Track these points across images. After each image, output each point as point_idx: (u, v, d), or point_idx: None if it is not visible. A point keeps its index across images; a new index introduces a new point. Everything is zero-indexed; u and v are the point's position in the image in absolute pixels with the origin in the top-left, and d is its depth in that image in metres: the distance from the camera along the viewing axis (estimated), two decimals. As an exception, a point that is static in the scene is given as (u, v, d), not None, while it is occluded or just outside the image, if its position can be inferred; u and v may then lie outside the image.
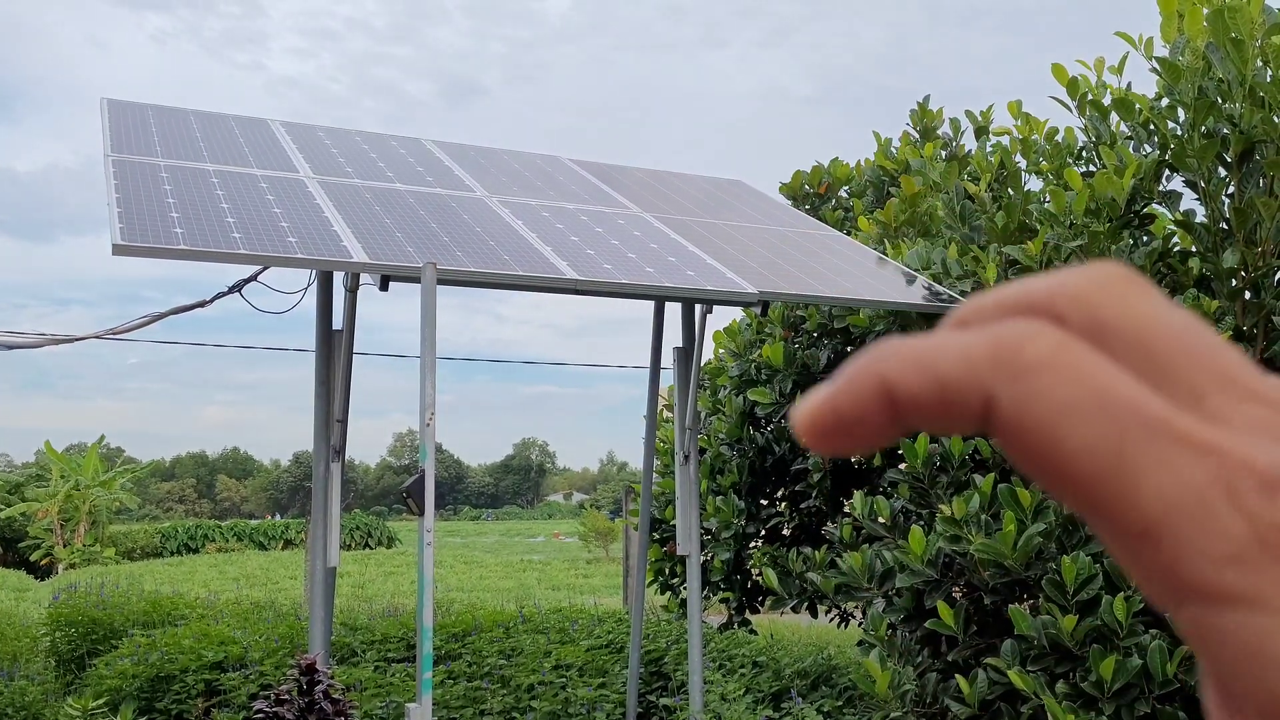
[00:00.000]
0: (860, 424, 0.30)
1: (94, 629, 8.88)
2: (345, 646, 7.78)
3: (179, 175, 4.97)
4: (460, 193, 5.86)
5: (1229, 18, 4.51)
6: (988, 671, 4.54)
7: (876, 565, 5.21)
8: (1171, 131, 5.05)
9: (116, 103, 6.06)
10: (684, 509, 5.67)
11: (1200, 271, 4.89)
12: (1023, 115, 6.39)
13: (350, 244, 4.52)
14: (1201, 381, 0.27)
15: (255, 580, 22.23)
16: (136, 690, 6.90)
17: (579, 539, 32.45)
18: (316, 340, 5.16)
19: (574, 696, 5.91)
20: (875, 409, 0.30)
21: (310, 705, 4.43)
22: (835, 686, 6.20)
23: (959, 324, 0.31)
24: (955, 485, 5.11)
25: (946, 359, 0.29)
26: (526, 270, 4.72)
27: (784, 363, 6.55)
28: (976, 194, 6.22)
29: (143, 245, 4.02)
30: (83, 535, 28.50)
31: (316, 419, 5.09)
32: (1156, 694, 3.98)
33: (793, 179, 8.72)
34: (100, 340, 8.65)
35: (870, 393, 0.30)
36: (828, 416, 0.31)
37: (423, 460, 4.15)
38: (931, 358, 0.29)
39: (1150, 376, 0.27)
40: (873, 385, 0.30)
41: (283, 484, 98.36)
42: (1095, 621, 4.16)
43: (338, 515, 5.00)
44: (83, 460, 29.36)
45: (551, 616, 8.78)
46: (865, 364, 0.30)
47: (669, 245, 5.71)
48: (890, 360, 0.30)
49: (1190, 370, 0.27)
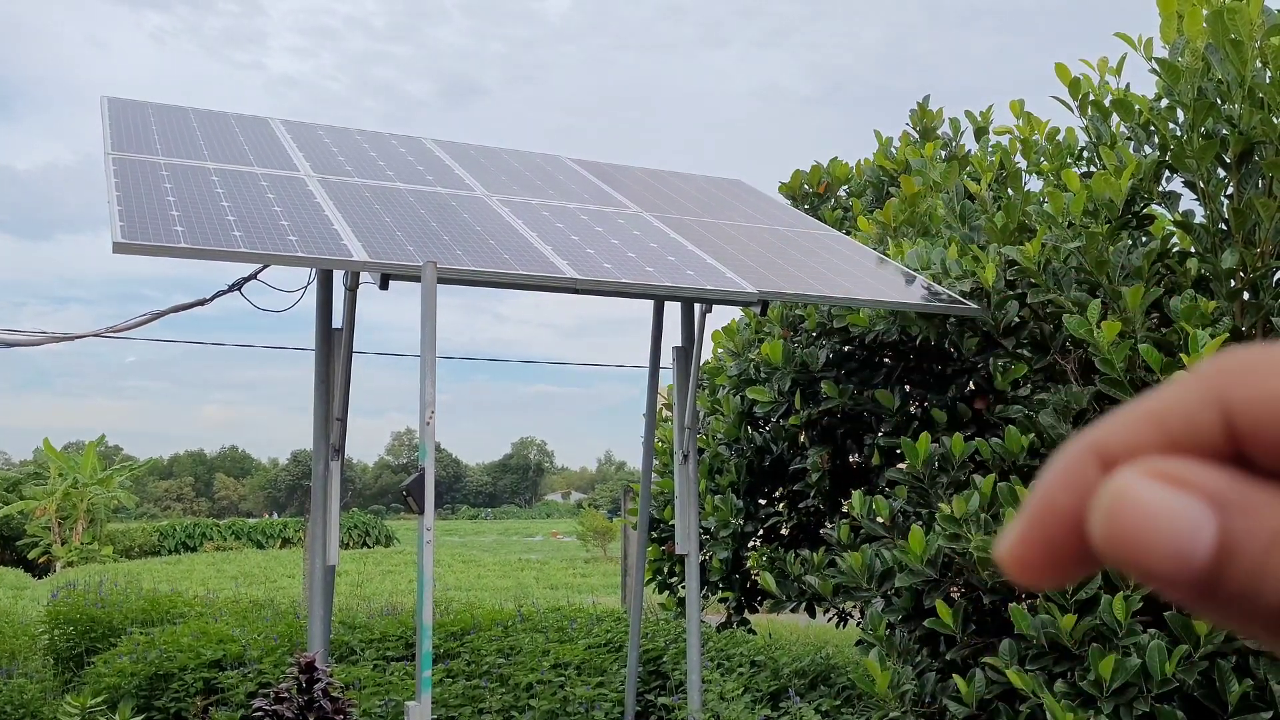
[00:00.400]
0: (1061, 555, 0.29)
1: (92, 627, 8.89)
2: (344, 645, 7.79)
3: (179, 174, 4.98)
4: (460, 192, 5.86)
5: (1228, 19, 4.51)
6: (986, 671, 4.54)
7: (875, 565, 5.22)
8: (1171, 132, 5.06)
9: (117, 101, 6.06)
10: (682, 508, 5.67)
11: (1199, 272, 4.89)
12: (1025, 115, 6.40)
13: (350, 243, 4.53)
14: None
15: (253, 579, 22.22)
16: (135, 688, 6.90)
17: (577, 538, 32.47)
18: (316, 339, 5.16)
19: (572, 695, 5.92)
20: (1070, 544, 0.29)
21: (309, 703, 4.43)
22: (833, 686, 6.21)
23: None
24: (955, 485, 5.11)
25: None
26: (527, 269, 4.72)
27: (783, 361, 6.55)
28: (978, 193, 6.22)
29: (143, 243, 4.02)
30: (80, 533, 28.49)
31: (316, 417, 5.09)
32: (1155, 693, 3.98)
33: (792, 179, 8.72)
34: (99, 339, 8.65)
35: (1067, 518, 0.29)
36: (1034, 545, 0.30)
37: (422, 459, 4.15)
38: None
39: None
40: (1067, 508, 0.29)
41: (281, 483, 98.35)
42: (1094, 621, 4.17)
43: (337, 513, 5.00)
44: (81, 458, 29.35)
45: (550, 615, 8.79)
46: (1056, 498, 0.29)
47: (669, 245, 5.71)
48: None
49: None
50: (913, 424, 6.11)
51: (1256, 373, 0.27)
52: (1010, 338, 5.61)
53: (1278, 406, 0.26)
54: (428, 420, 4.16)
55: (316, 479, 5.07)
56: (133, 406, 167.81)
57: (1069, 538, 0.29)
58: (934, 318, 5.97)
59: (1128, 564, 0.28)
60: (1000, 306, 5.60)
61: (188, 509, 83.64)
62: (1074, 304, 4.89)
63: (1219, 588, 0.26)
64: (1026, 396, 5.59)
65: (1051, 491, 0.30)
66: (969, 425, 5.93)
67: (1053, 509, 0.29)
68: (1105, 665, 3.98)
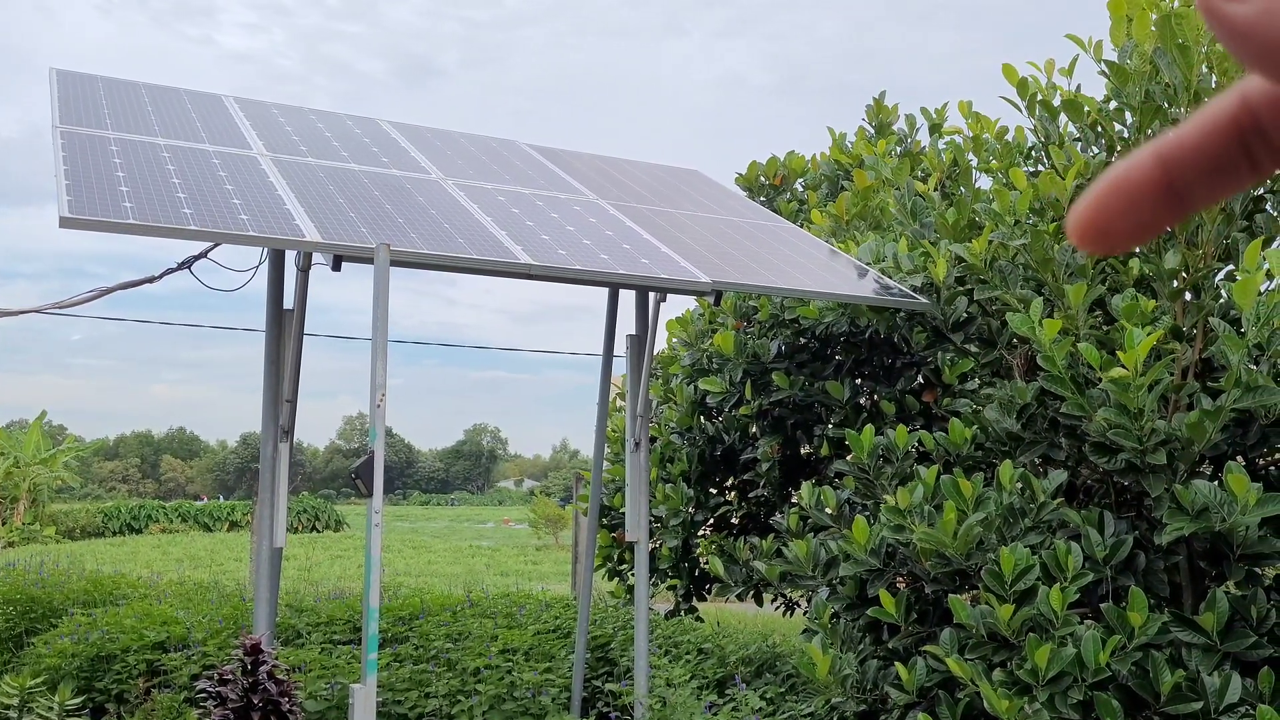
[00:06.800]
0: (1138, 199, 0.35)
1: (32, 607, 8.76)
2: (290, 628, 7.73)
3: (129, 149, 4.91)
4: (415, 174, 5.83)
5: (1176, 24, 4.61)
6: (927, 659, 4.62)
7: (821, 554, 5.28)
8: (1118, 133, 5.15)
9: (66, 73, 5.96)
10: (633, 496, 5.70)
11: (1141, 272, 4.99)
12: (973, 115, 6.49)
13: (303, 223, 4.50)
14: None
15: (199, 562, 21.98)
16: (76, 669, 6.81)
17: (529, 526, 32.42)
18: (267, 319, 5.12)
19: (520, 680, 5.93)
20: (1152, 177, 0.34)
21: (254, 685, 4.41)
22: (779, 673, 6.27)
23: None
24: (900, 477, 5.19)
25: (1209, 108, 0.34)
26: (481, 254, 4.72)
27: (735, 352, 6.60)
28: (924, 192, 6.30)
29: (91, 218, 3.97)
30: (22, 513, 27.99)
31: (265, 399, 5.06)
32: (1090, 682, 4.08)
33: (749, 170, 8.77)
34: (44, 315, 8.50)
35: (1145, 161, 0.35)
36: (1108, 200, 0.36)
37: (372, 441, 4.14)
38: (1195, 116, 0.34)
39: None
40: (1145, 156, 0.35)
41: (229, 465, 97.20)
42: (1032, 611, 4.26)
43: (285, 495, 4.97)
44: (24, 437, 28.81)
45: (499, 601, 8.78)
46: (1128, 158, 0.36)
47: (624, 232, 5.73)
48: (1158, 139, 0.35)
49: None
50: (862, 416, 6.19)
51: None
52: (959, 333, 5.69)
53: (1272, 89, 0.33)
54: (378, 403, 4.15)
55: (265, 460, 5.03)
56: (79, 385, 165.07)
57: (1141, 196, 0.35)
58: (884, 311, 6.04)
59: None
60: (950, 302, 5.68)
61: (133, 490, 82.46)
62: (1019, 301, 4.97)
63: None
64: (974, 390, 5.69)
65: (1118, 173, 0.36)
66: (918, 418, 6.02)
67: (1123, 180, 0.35)
68: (1041, 655, 4.07)
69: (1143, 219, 0.36)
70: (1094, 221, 0.37)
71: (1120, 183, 0.36)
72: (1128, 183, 0.36)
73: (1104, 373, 4.29)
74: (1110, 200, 0.36)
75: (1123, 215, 0.36)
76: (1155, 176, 0.36)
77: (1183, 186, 0.36)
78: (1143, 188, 0.36)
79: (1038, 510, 4.59)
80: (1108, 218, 0.37)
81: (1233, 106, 0.35)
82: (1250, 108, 0.35)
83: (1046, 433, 4.96)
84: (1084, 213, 0.37)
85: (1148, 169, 0.36)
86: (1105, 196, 0.36)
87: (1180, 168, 0.35)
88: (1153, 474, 4.38)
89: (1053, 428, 4.95)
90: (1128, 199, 0.36)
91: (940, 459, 5.15)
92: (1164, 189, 0.36)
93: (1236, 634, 4.14)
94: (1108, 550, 4.42)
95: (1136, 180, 0.36)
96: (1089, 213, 0.37)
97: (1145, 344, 4.17)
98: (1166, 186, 0.35)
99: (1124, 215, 0.36)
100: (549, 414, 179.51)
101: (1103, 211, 0.37)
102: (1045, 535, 4.55)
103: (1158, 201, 0.36)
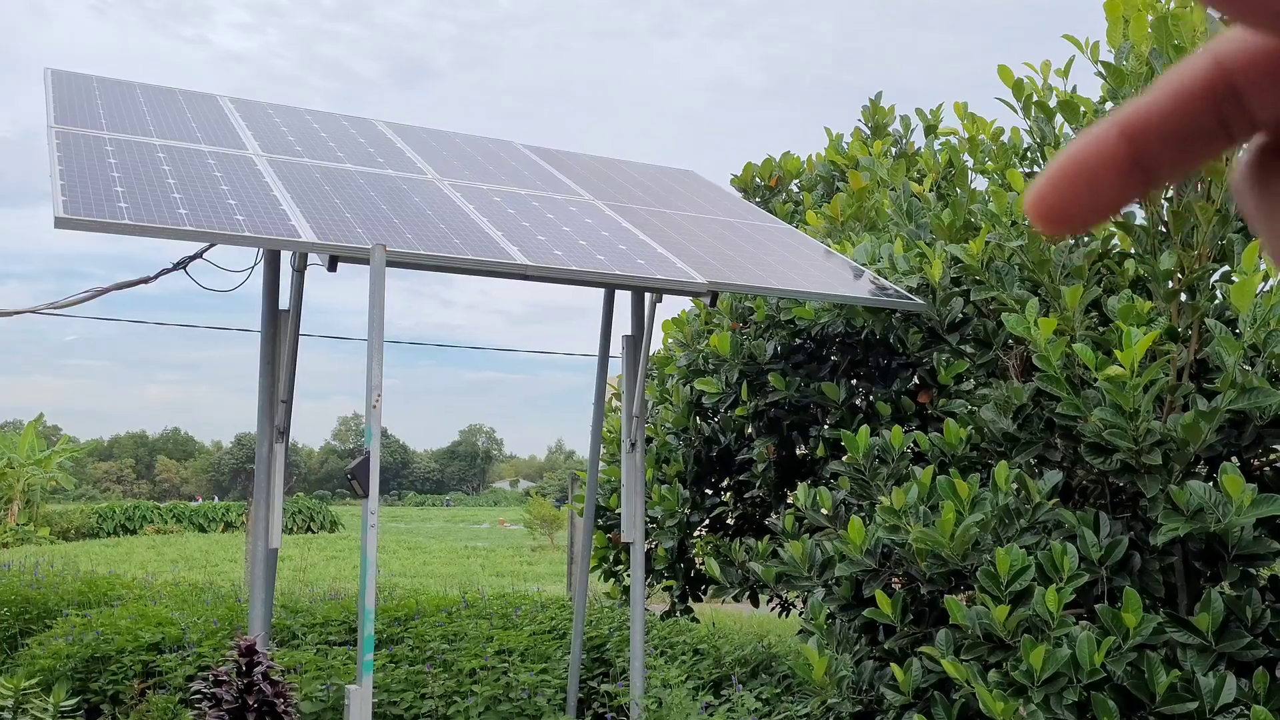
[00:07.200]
0: (1099, 175, 0.33)
1: (27, 608, 8.74)
2: (285, 629, 7.72)
3: (124, 149, 4.90)
4: (411, 175, 5.83)
5: (1172, 25, 4.62)
6: (922, 660, 4.63)
7: (817, 555, 5.28)
8: (1114, 135, 5.15)
9: (61, 73, 5.95)
10: (629, 496, 5.70)
11: (1137, 272, 5.00)
12: (969, 116, 6.49)
13: (299, 223, 4.49)
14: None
15: (194, 562, 21.93)
16: (71, 670, 6.80)
17: (524, 526, 32.38)
18: (262, 320, 5.12)
19: (515, 681, 5.92)
20: (1114, 152, 0.33)
21: (249, 686, 4.40)
22: (775, 674, 6.28)
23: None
24: (895, 477, 5.19)
25: (1176, 73, 0.33)
26: (477, 254, 4.71)
27: (731, 353, 6.60)
28: (920, 193, 6.31)
29: (86, 219, 3.96)
30: (16, 514, 27.92)
31: (261, 399, 5.05)
32: (1085, 683, 4.08)
33: (744, 171, 8.77)
34: (39, 315, 8.49)
35: (1107, 135, 0.33)
36: (1067, 177, 0.34)
37: (368, 442, 4.14)
38: (1160, 83, 0.33)
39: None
40: (1107, 129, 0.33)
41: (224, 466, 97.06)
42: (1027, 612, 4.26)
43: (280, 496, 4.96)
44: (18, 438, 28.74)
45: (495, 602, 8.78)
46: (1091, 129, 0.34)
47: (620, 233, 5.73)
48: (1120, 110, 0.33)
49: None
50: (858, 416, 6.19)
51: (1236, 37, 0.33)
52: (954, 333, 5.70)
53: (1249, 48, 0.32)
54: (374, 403, 4.15)
55: (260, 460, 5.02)
56: (74, 385, 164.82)
57: (1103, 172, 0.33)
58: (880, 312, 6.04)
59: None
60: (945, 303, 5.68)
61: (128, 491, 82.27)
62: (1015, 302, 4.98)
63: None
64: (969, 391, 5.69)
65: (1077, 148, 0.34)
66: (913, 418, 6.02)
67: (1082, 157, 0.33)
68: (1036, 656, 4.07)
69: (1105, 197, 0.34)
70: (1052, 202, 0.34)
71: (1080, 159, 0.34)
72: (1088, 160, 0.34)
73: (1100, 373, 4.30)
74: (1069, 179, 0.34)
75: (1083, 194, 0.34)
76: (1119, 151, 0.33)
77: (1149, 160, 0.33)
78: (1105, 164, 0.33)
79: (1033, 511, 4.60)
80: (1067, 198, 0.34)
81: (1205, 70, 0.33)
82: (1225, 71, 0.33)
83: (1042, 433, 4.97)
84: (1041, 192, 0.34)
85: (1110, 144, 0.33)
86: (1064, 175, 0.34)
87: (1147, 140, 0.33)
88: (1148, 475, 4.39)
89: (1048, 428, 4.96)
90: (1089, 177, 0.34)
91: (935, 460, 5.15)
92: (1129, 163, 0.33)
93: (1231, 634, 4.15)
94: (1103, 551, 4.42)
95: (1098, 156, 0.34)
96: (1047, 192, 0.34)
97: (1142, 344, 4.18)
98: (1132, 161, 0.33)
99: (1085, 194, 0.34)
100: (544, 415, 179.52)
101: (1062, 191, 0.34)
102: (1040, 536, 4.56)
103: (1121, 177, 0.34)
